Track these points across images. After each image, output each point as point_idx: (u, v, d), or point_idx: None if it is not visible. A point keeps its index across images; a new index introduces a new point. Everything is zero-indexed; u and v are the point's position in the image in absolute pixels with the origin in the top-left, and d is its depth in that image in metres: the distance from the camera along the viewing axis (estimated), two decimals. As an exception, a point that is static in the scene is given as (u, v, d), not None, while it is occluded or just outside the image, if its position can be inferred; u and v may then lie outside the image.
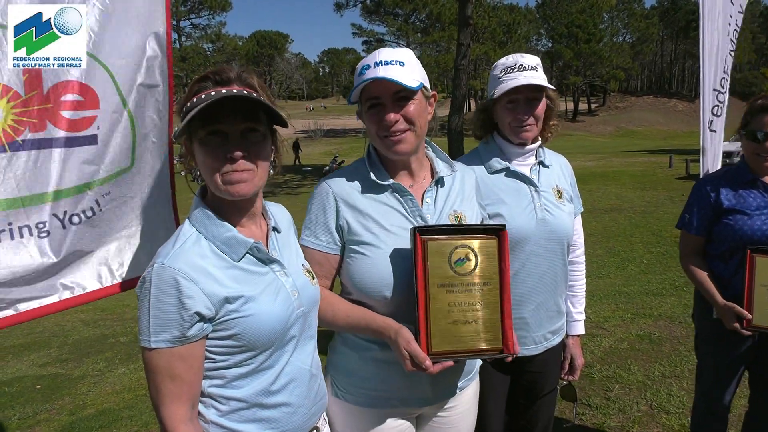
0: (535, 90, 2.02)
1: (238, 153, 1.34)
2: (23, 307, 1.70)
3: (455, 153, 16.24)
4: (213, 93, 1.33)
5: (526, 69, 2.01)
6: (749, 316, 2.25)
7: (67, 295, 1.79)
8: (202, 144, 1.36)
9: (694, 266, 2.49)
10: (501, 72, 2.05)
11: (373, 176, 1.71)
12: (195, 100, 1.34)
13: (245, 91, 1.35)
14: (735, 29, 2.83)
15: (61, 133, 1.70)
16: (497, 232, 1.66)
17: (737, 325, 2.28)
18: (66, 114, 1.71)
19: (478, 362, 1.95)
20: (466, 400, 1.89)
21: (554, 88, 2.11)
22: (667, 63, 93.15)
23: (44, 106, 1.66)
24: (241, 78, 1.39)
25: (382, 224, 1.68)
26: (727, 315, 2.32)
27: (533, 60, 2.04)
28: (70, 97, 1.71)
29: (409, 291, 1.59)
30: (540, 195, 2.09)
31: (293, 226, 1.71)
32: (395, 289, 1.63)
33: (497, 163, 2.10)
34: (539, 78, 2.00)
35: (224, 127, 1.35)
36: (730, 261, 2.39)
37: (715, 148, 2.82)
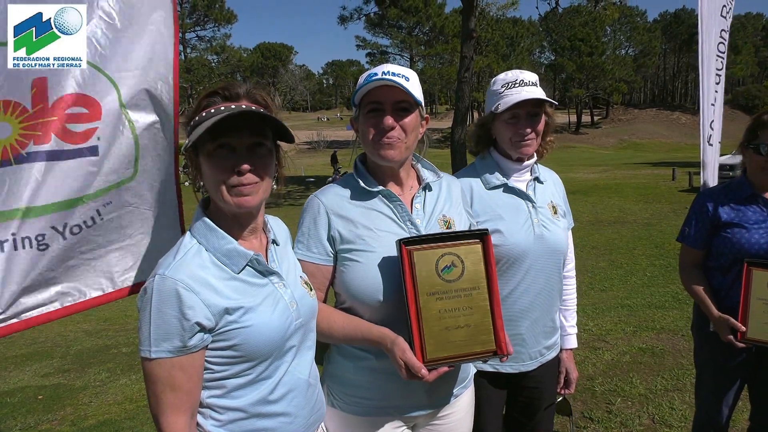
0: (536, 105, 2.04)
1: (246, 166, 1.38)
2: (26, 315, 1.72)
3: (458, 165, 16.27)
4: (223, 108, 1.37)
5: (527, 84, 2.04)
6: (743, 328, 2.27)
7: (68, 301, 1.81)
8: (209, 156, 1.39)
9: (692, 279, 2.52)
10: (502, 87, 2.07)
11: (362, 183, 1.75)
12: (204, 114, 1.38)
13: (254, 108, 1.39)
14: (722, 42, 2.86)
15: (67, 146, 1.72)
16: (481, 236, 1.70)
17: (731, 337, 2.30)
18: (70, 126, 1.72)
19: (473, 370, 1.98)
20: (461, 408, 1.90)
21: (556, 102, 2.13)
22: (669, 76, 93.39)
23: (49, 119, 1.67)
24: (249, 94, 1.43)
25: (373, 230, 1.72)
26: (722, 327, 2.34)
27: (533, 76, 2.07)
28: (74, 110, 1.72)
29: (402, 296, 1.62)
30: (537, 211, 2.11)
31: (290, 238, 1.74)
32: (389, 294, 1.66)
33: (495, 178, 2.11)
34: (541, 93, 2.02)
35: (232, 140, 1.38)
36: (728, 274, 2.41)
37: (714, 162, 2.84)
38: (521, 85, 2.03)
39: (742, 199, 2.39)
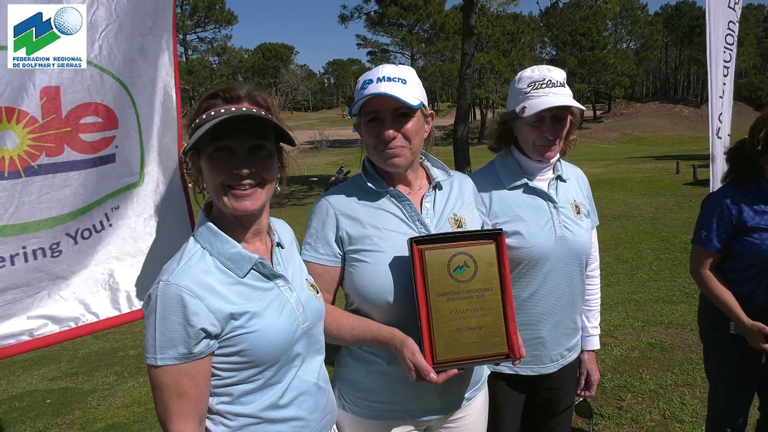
0: (563, 108, 1.94)
1: (245, 170, 1.36)
2: (39, 333, 1.70)
3: (460, 162, 16.22)
4: (223, 111, 1.35)
5: (554, 85, 1.93)
6: None
7: (83, 321, 1.77)
8: (209, 159, 1.37)
9: (715, 285, 2.39)
10: (528, 87, 1.96)
11: (370, 185, 1.73)
12: (204, 116, 1.36)
13: (254, 110, 1.37)
14: (731, 34, 2.82)
15: (80, 156, 1.68)
16: (495, 236, 1.66)
17: (766, 345, 2.22)
18: (85, 137, 1.69)
19: (486, 372, 1.94)
20: (474, 411, 1.88)
21: (583, 108, 2.01)
22: (671, 69, 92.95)
23: (62, 129, 1.63)
24: (250, 96, 1.41)
25: (381, 230, 1.69)
26: (754, 335, 2.25)
27: (560, 74, 1.97)
28: (90, 119, 1.69)
29: (412, 296, 1.59)
30: (559, 211, 2.03)
31: (296, 241, 1.72)
32: (399, 295, 1.63)
33: (515, 178, 2.04)
34: (569, 96, 1.93)
35: (232, 143, 1.36)
36: (751, 279, 2.32)
37: (723, 155, 2.82)
38: (549, 85, 1.93)
39: (764, 201, 2.28)
